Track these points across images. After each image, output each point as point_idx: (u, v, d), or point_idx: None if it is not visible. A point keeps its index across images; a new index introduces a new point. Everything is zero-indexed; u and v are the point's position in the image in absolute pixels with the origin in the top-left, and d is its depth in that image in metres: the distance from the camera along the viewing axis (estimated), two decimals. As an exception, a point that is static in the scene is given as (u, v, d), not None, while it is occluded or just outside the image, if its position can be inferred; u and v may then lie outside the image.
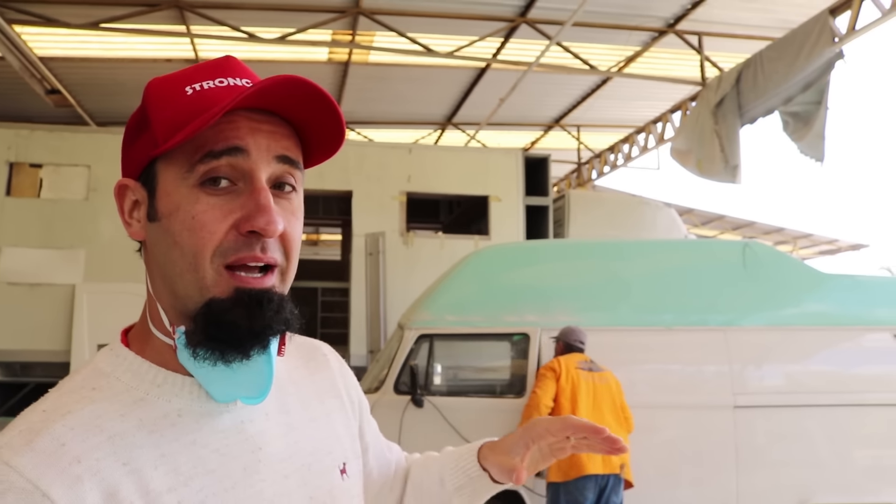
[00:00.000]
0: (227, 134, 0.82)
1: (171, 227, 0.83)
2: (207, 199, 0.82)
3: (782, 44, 8.15)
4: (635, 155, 13.75)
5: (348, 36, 9.93)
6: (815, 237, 20.66)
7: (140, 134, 0.88)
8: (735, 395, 5.45)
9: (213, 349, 0.81)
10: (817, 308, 5.75)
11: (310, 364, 1.09)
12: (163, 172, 0.84)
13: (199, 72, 0.89)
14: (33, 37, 9.54)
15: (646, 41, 10.26)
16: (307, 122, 0.89)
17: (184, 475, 0.81)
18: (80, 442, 0.77)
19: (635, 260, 6.03)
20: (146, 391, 0.85)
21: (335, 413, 1.06)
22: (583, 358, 5.03)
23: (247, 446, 0.88)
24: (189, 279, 0.82)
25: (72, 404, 0.81)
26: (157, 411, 0.84)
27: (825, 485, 5.37)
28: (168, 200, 0.84)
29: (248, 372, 0.85)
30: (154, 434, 0.82)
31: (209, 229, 0.81)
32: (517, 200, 10.38)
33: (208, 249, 0.81)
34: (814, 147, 8.04)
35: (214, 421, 0.87)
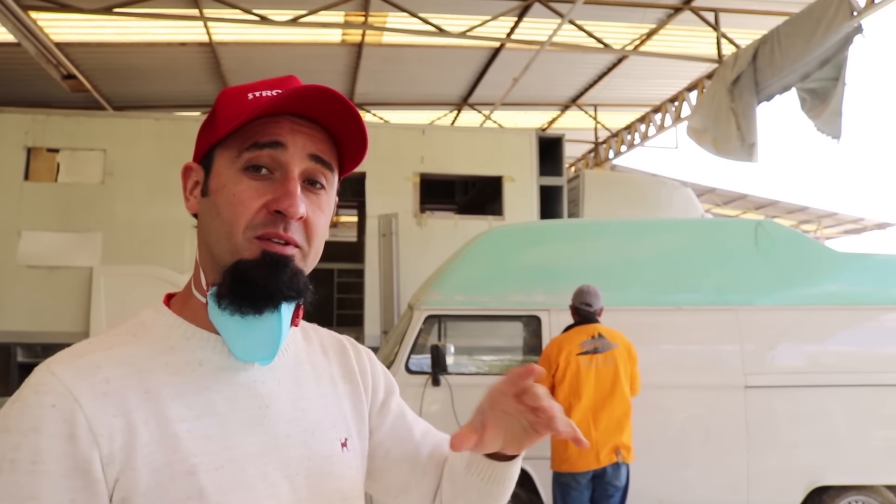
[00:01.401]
0: (272, 130, 1.00)
1: (217, 201, 1.00)
2: (248, 182, 0.99)
3: (799, 19, 8.02)
4: (652, 134, 13.63)
5: (361, 17, 9.90)
6: (840, 216, 20.42)
7: (209, 127, 1.06)
8: (747, 375, 5.42)
9: (233, 302, 0.96)
10: (831, 287, 5.69)
11: (329, 352, 1.22)
12: (218, 157, 1.03)
13: (263, 84, 1.06)
14: (49, 23, 9.60)
15: (661, 18, 10.15)
16: (341, 132, 1.05)
17: (195, 411, 0.96)
18: (112, 369, 0.93)
19: (646, 240, 5.98)
20: (176, 342, 1.01)
21: (346, 396, 1.19)
22: (589, 333, 4.77)
23: (255, 402, 1.03)
24: (224, 244, 0.99)
25: (113, 342, 0.98)
26: (182, 358, 1.00)
27: (837, 466, 5.34)
28: (218, 180, 1.02)
29: (261, 330, 0.99)
30: (176, 376, 0.97)
31: (245, 205, 0.98)
32: (531, 181, 10.33)
33: (242, 221, 0.97)
34: (831, 124, 7.93)
35: (230, 375, 1.02)
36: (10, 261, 9.21)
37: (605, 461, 4.56)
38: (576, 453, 4.55)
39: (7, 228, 9.24)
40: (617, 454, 4.57)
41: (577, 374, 4.65)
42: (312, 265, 1.05)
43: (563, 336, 4.86)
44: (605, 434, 4.57)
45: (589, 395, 4.62)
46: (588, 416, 4.58)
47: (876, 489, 5.38)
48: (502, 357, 6.17)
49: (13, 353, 9.15)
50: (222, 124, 1.03)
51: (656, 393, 5.35)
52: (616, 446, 4.59)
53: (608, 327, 4.84)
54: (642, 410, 5.17)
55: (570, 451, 4.56)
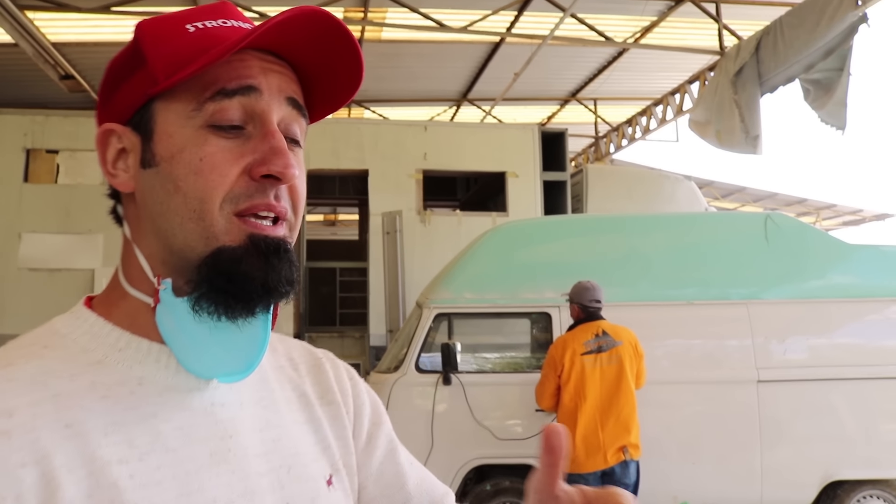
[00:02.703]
0: (240, 72, 0.76)
1: (174, 172, 0.75)
2: (217, 141, 0.75)
3: (803, 9, 7.96)
4: (653, 127, 13.57)
5: (360, 13, 9.83)
6: (839, 207, 20.40)
7: (132, 73, 0.78)
8: (758, 369, 5.38)
9: (219, 303, 0.74)
10: (842, 280, 5.65)
11: (300, 367, 0.96)
12: (163, 112, 0.76)
13: (197, 13, 0.81)
14: (46, 22, 9.51)
15: (662, 11, 10.09)
16: (318, 67, 0.82)
17: (138, 448, 0.71)
18: (16, 395, 0.67)
19: (655, 234, 5.95)
20: (105, 354, 0.75)
21: (325, 420, 0.93)
22: (595, 331, 4.71)
23: (216, 430, 0.78)
24: (191, 228, 0.74)
25: (16, 357, 0.72)
26: (115, 376, 0.74)
27: (851, 460, 5.30)
28: (170, 142, 0.75)
29: (239, 336, 0.77)
30: (107, 400, 0.72)
31: (220, 171, 0.74)
32: (535, 176, 10.30)
33: (218, 194, 0.74)
34: (835, 115, 7.87)
35: (181, 396, 0.77)
36: (11, 263, 9.16)
37: (612, 461, 4.52)
38: (583, 454, 4.51)
39: (7, 231, 9.20)
40: (624, 452, 4.53)
41: (581, 374, 4.60)
42: (295, 238, 0.82)
43: (568, 336, 4.82)
44: (613, 434, 4.53)
45: (595, 395, 4.58)
46: (595, 417, 4.54)
47: (891, 483, 5.36)
48: (513, 354, 6.11)
49: (15, 356, 9.09)
50: (162, 67, 0.75)
51: (668, 388, 5.32)
52: (623, 445, 4.54)
53: (612, 324, 4.79)
54: (654, 406, 5.15)
55: (577, 452, 4.51)
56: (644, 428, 4.72)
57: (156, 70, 0.75)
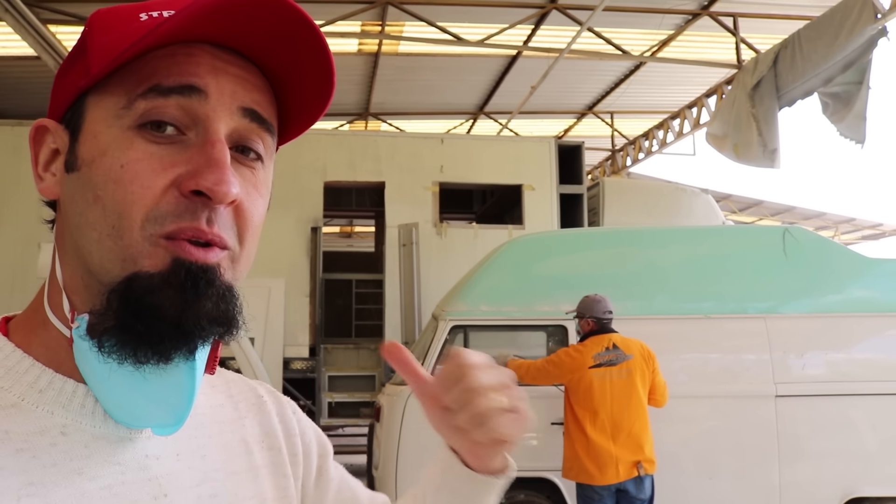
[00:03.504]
0: (183, 68, 0.64)
1: (93, 178, 0.63)
2: (145, 147, 0.62)
3: (821, 22, 7.94)
4: (670, 141, 13.55)
5: (378, 27, 9.90)
6: (858, 221, 20.24)
7: (73, 65, 0.68)
8: (777, 384, 5.33)
9: (124, 343, 0.60)
10: (861, 294, 5.60)
11: (240, 406, 0.84)
12: (92, 109, 0.65)
13: (163, 3, 0.68)
14: (67, 35, 9.63)
15: (679, 24, 10.10)
16: (287, 70, 0.69)
17: None
18: None
19: (672, 247, 5.92)
20: (21, 396, 0.63)
21: (264, 469, 0.81)
22: (603, 345, 4.66)
23: (148, 489, 0.66)
24: (108, 247, 0.62)
25: None
26: (33, 424, 0.62)
27: (871, 477, 5.24)
28: (93, 144, 0.64)
29: (163, 386, 0.64)
30: (24, 453, 0.60)
31: (141, 182, 0.61)
32: (551, 189, 10.28)
33: (138, 210, 0.61)
34: (854, 129, 7.84)
35: (111, 448, 0.65)
36: (30, 273, 9.21)
37: (625, 475, 4.48)
38: (594, 467, 4.48)
39: (26, 241, 9.26)
40: (638, 468, 4.48)
41: (590, 388, 4.57)
42: (244, 274, 0.69)
43: (578, 347, 4.80)
44: (625, 448, 4.49)
45: (605, 408, 4.54)
46: (605, 430, 4.51)
47: (912, 500, 5.28)
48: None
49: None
50: (98, 57, 0.65)
51: (685, 403, 5.28)
52: (637, 461, 4.50)
53: (623, 336, 4.76)
54: (671, 420, 5.11)
55: (589, 465, 4.49)
56: (660, 442, 4.69)
57: (92, 61, 0.65)
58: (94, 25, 0.68)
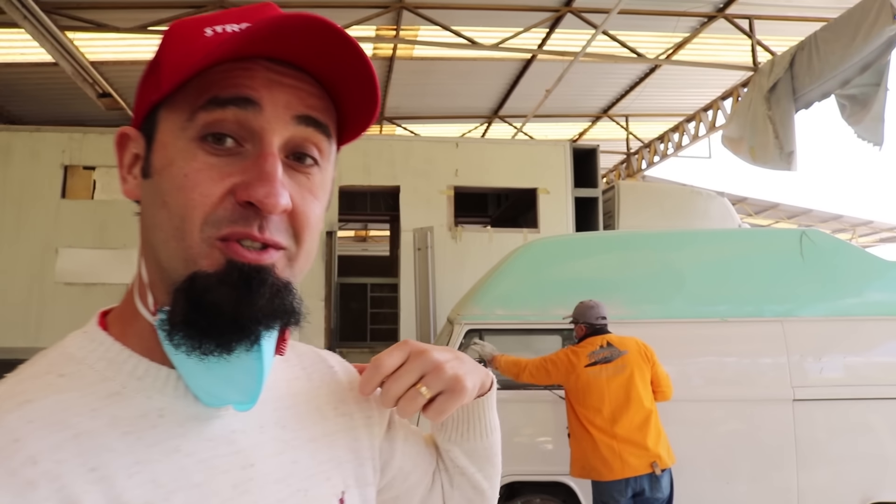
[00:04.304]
0: (239, 81, 0.69)
1: (162, 185, 0.70)
2: (205, 157, 0.69)
3: (838, 24, 7.89)
4: (685, 144, 13.49)
5: (392, 31, 9.92)
6: (876, 224, 20.10)
7: (149, 79, 0.75)
8: (794, 388, 5.29)
9: (188, 336, 0.67)
10: (879, 297, 5.55)
11: (313, 376, 0.93)
12: (163, 121, 0.72)
13: (228, 14, 0.75)
14: (85, 42, 9.72)
15: (695, 27, 10.07)
16: (340, 82, 0.75)
17: (164, 487, 0.68)
18: (39, 439, 0.63)
19: (688, 250, 5.89)
20: (123, 384, 0.71)
21: (339, 433, 0.90)
22: (599, 343, 4.67)
23: (237, 460, 0.74)
24: (174, 247, 0.69)
25: (33, 391, 0.67)
26: (135, 409, 0.70)
27: (890, 481, 5.19)
28: (163, 153, 0.71)
29: (234, 370, 0.71)
30: (130, 436, 0.68)
31: (201, 191, 0.68)
32: (566, 192, 10.28)
33: (198, 215, 0.68)
34: (872, 131, 7.79)
35: (202, 426, 0.73)
36: (48, 278, 9.31)
37: (633, 471, 4.43)
38: (600, 462, 4.47)
39: (45, 246, 9.35)
40: (653, 466, 4.46)
41: (588, 386, 4.57)
42: (304, 271, 0.75)
43: (574, 348, 4.78)
44: (627, 442, 4.47)
45: (605, 405, 4.53)
46: (607, 427, 4.50)
47: (933, 505, 5.23)
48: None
49: (51, 370, 9.23)
50: (168, 73, 0.71)
51: (702, 406, 5.25)
52: (649, 458, 4.48)
53: (617, 335, 4.75)
54: (687, 424, 5.10)
55: (595, 461, 4.49)
56: (677, 446, 4.66)
57: (161, 75, 0.72)
58: (167, 39, 0.75)
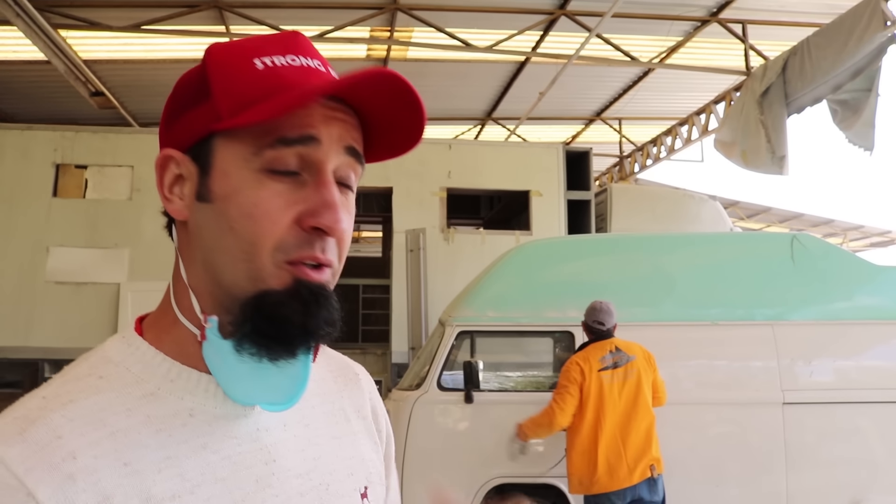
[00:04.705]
0: (302, 120, 0.76)
1: (228, 212, 0.76)
2: (273, 185, 0.75)
3: (830, 29, 7.93)
4: (678, 147, 13.53)
5: (386, 32, 9.92)
6: (867, 229, 20.19)
7: (197, 102, 0.79)
8: (784, 391, 5.31)
9: (260, 345, 0.75)
10: (869, 301, 5.58)
11: (338, 380, 1.00)
12: (222, 149, 0.77)
13: (267, 44, 0.80)
14: (77, 40, 9.69)
15: (688, 31, 10.10)
16: (379, 117, 0.82)
17: (190, 481, 0.74)
18: (79, 436, 0.70)
19: (680, 254, 5.91)
20: (157, 385, 0.78)
21: (361, 434, 0.97)
22: (607, 348, 4.67)
23: (260, 456, 0.80)
24: (242, 268, 0.75)
25: (75, 393, 0.74)
26: (167, 408, 0.77)
27: (879, 485, 5.21)
28: (226, 182, 0.76)
29: (280, 375, 0.78)
30: (161, 433, 0.75)
31: (272, 219, 0.75)
32: (559, 195, 10.28)
33: (269, 241, 0.74)
34: (863, 136, 7.82)
35: (229, 425, 0.80)
36: (39, 277, 9.27)
37: (637, 478, 4.46)
38: (606, 473, 4.45)
39: (36, 245, 9.31)
40: (651, 469, 4.47)
41: (600, 391, 4.56)
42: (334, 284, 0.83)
43: (581, 354, 4.76)
44: (635, 449, 4.48)
45: (615, 411, 4.53)
46: (616, 434, 4.49)
47: (921, 509, 5.25)
48: (535, 373, 6.09)
49: (41, 369, 9.18)
50: (227, 104, 0.76)
51: (692, 410, 5.27)
52: (649, 462, 4.49)
53: (623, 340, 4.75)
54: (678, 427, 5.10)
55: (599, 473, 4.46)
56: (667, 449, 4.67)
57: (220, 107, 0.76)
58: (214, 66, 0.79)
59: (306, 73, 0.79)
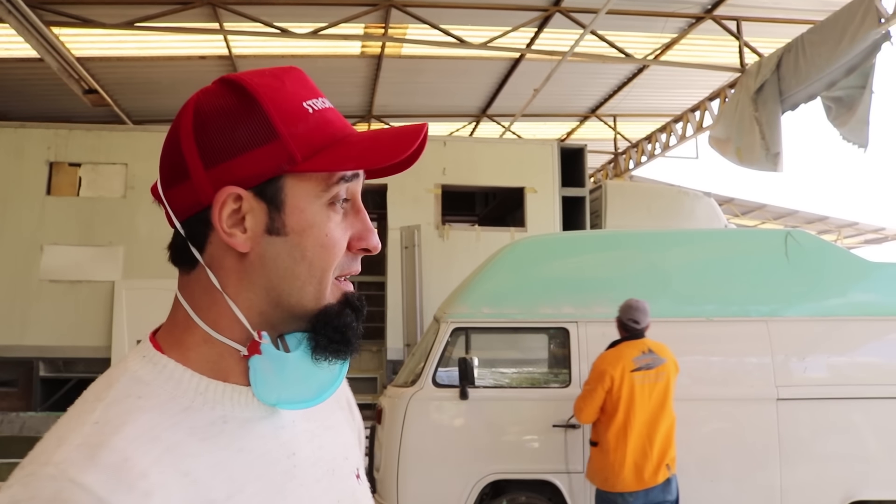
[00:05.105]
0: None
1: (303, 243, 0.86)
2: (335, 217, 0.88)
3: (825, 27, 7.94)
4: (673, 144, 13.55)
5: (381, 29, 9.90)
6: (861, 226, 20.25)
7: (262, 143, 0.84)
8: (778, 387, 5.32)
9: (330, 350, 0.88)
10: (863, 297, 5.59)
11: None
12: (294, 188, 0.86)
13: (298, 85, 0.90)
14: (70, 38, 9.67)
15: (683, 28, 10.10)
16: None
17: (238, 481, 0.82)
18: (143, 455, 0.75)
19: (675, 250, 5.91)
20: (191, 399, 0.85)
21: (344, 424, 1.07)
22: (641, 348, 4.67)
23: (283, 451, 0.90)
24: (311, 291, 0.87)
25: (124, 415, 0.79)
26: (204, 419, 0.84)
27: (872, 479, 5.22)
28: (300, 217, 0.86)
29: (323, 375, 0.90)
30: (206, 442, 0.82)
31: (339, 246, 0.88)
32: (553, 192, 10.29)
33: (334, 264, 0.87)
34: (857, 133, 7.84)
35: (256, 426, 0.88)
36: (33, 275, 9.24)
37: (661, 478, 4.49)
38: (632, 473, 4.46)
39: (29, 243, 9.29)
40: (668, 468, 4.52)
41: (631, 391, 4.55)
42: None
43: (614, 351, 4.73)
44: (660, 450, 4.52)
45: (645, 412, 4.54)
46: (644, 434, 4.51)
47: (914, 504, 5.27)
48: (530, 369, 6.10)
49: (35, 367, 9.17)
50: (300, 149, 0.84)
51: (687, 405, 5.26)
52: (667, 462, 4.52)
53: (655, 341, 4.75)
54: (673, 424, 5.10)
55: (626, 472, 4.47)
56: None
57: (293, 151, 0.84)
58: (272, 107, 0.85)
59: (338, 117, 0.91)
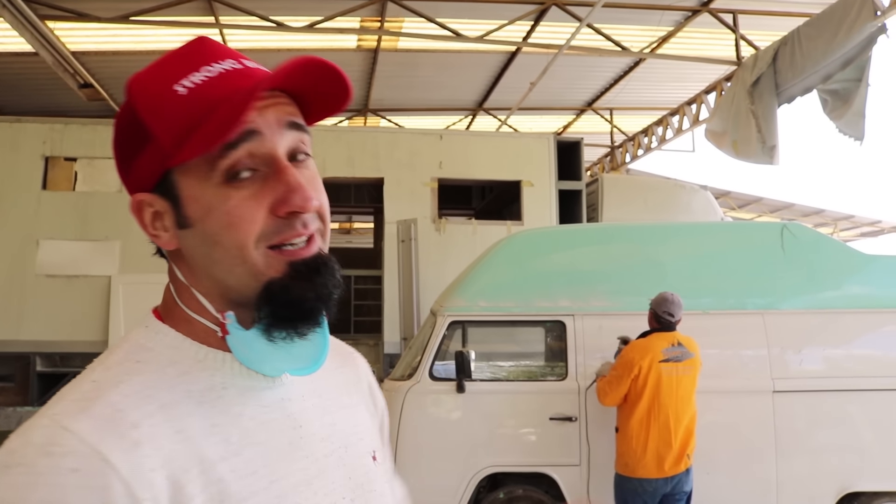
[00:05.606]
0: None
1: (208, 229, 0.83)
2: (237, 193, 0.81)
3: (821, 20, 7.94)
4: (669, 137, 13.56)
5: (377, 22, 9.88)
6: (857, 218, 20.27)
7: (142, 146, 0.84)
8: (774, 379, 5.34)
9: (286, 327, 0.84)
10: (858, 290, 5.60)
11: (336, 359, 1.07)
12: (183, 179, 0.83)
13: (179, 64, 0.85)
14: (65, 32, 9.63)
15: (679, 21, 10.10)
16: (306, 91, 0.88)
17: (234, 445, 0.82)
18: (136, 409, 0.77)
19: (671, 243, 5.91)
20: (189, 365, 0.86)
21: (362, 406, 1.06)
22: (671, 341, 4.74)
23: (289, 423, 0.89)
24: (240, 271, 0.83)
25: (122, 375, 0.81)
26: (202, 384, 0.85)
27: (867, 471, 5.24)
28: (197, 205, 0.83)
29: (303, 345, 0.87)
30: (203, 405, 0.83)
31: (248, 219, 0.81)
32: (550, 185, 10.30)
33: (251, 238, 0.81)
34: (853, 126, 7.84)
35: (258, 395, 0.88)
36: (29, 270, 9.24)
37: (682, 467, 4.59)
38: (654, 460, 4.55)
39: (25, 238, 9.28)
40: (688, 458, 4.63)
41: (658, 382, 4.62)
42: (329, 238, 0.91)
43: (644, 342, 4.79)
44: (682, 441, 4.61)
45: (671, 403, 4.62)
46: (669, 425, 4.59)
47: (909, 495, 5.29)
48: (527, 362, 6.11)
49: (32, 362, 9.17)
50: (169, 141, 0.81)
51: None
52: (689, 452, 4.63)
53: (685, 335, 4.82)
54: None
55: (647, 459, 4.56)
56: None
57: (164, 145, 0.82)
58: (141, 105, 0.83)
59: (225, 80, 0.83)
